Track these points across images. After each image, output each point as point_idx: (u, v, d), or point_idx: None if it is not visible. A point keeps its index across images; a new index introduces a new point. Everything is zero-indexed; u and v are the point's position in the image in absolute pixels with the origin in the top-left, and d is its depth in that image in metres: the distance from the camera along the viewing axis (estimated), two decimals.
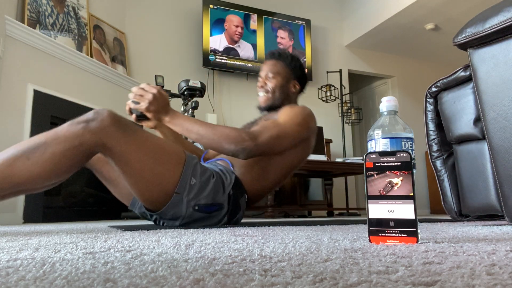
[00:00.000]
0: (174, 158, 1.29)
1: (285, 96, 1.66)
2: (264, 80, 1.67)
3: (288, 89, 1.67)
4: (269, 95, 1.64)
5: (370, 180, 0.68)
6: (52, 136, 1.07)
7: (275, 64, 1.68)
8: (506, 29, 1.13)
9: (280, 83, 1.65)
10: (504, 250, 0.56)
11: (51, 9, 3.01)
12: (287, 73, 1.67)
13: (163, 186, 1.27)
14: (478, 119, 1.30)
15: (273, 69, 1.66)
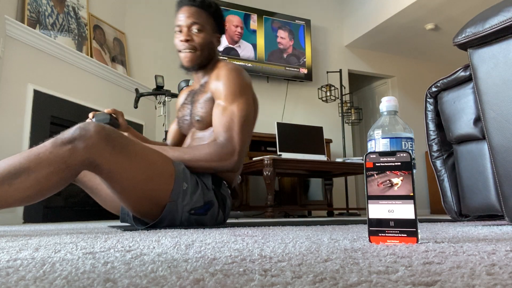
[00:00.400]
0: (165, 170, 1.24)
1: (211, 54, 1.51)
2: (188, 32, 1.45)
3: (213, 45, 1.52)
4: (197, 53, 1.46)
5: (370, 180, 0.67)
6: (34, 160, 0.99)
7: (200, 14, 1.47)
8: (506, 29, 1.13)
9: (208, 39, 1.48)
10: (504, 250, 0.56)
11: (51, 9, 3.01)
12: (212, 25, 1.50)
13: (156, 199, 1.23)
14: (478, 119, 1.30)
15: (199, 20, 1.46)
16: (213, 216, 1.39)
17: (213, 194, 1.39)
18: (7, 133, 2.43)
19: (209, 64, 1.53)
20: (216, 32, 1.53)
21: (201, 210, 1.34)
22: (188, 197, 1.29)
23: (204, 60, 1.50)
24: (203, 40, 1.46)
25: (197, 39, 1.46)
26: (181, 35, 1.46)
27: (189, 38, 1.45)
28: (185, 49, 1.46)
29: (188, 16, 1.45)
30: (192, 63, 1.48)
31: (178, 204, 1.27)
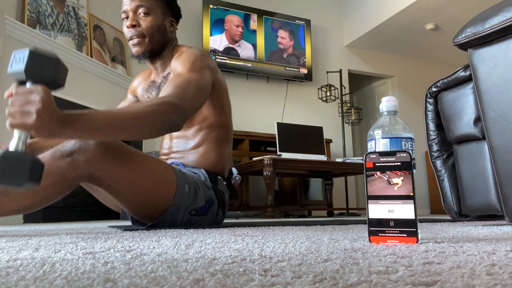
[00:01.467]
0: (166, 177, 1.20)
1: (164, 38, 1.39)
2: (134, 17, 1.34)
3: (166, 29, 1.40)
4: (146, 40, 1.35)
5: (370, 180, 0.67)
6: None
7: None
8: (506, 29, 1.13)
9: (157, 22, 1.36)
10: (504, 250, 0.56)
11: (51, 9, 3.01)
12: (162, 8, 1.38)
13: (158, 205, 1.22)
14: (478, 119, 1.30)
15: (145, 2, 1.34)
16: (213, 215, 1.39)
17: (213, 193, 1.39)
18: (7, 133, 2.43)
19: (164, 51, 1.41)
20: (168, 15, 1.41)
21: (203, 209, 1.34)
22: (191, 199, 1.29)
23: (155, 46, 1.37)
24: (150, 24, 1.34)
25: (145, 23, 1.34)
26: (127, 21, 1.35)
27: (135, 23, 1.33)
28: (132, 36, 1.34)
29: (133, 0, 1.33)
30: (141, 51, 1.35)
31: (180, 207, 1.26)
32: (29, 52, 0.79)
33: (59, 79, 0.83)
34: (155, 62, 1.44)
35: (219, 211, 1.42)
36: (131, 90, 1.63)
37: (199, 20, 4.29)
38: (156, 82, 1.48)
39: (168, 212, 1.24)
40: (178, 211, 1.26)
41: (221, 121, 1.48)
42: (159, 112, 1.00)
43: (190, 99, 1.15)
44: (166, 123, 1.03)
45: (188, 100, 1.14)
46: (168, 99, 1.06)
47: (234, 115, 4.39)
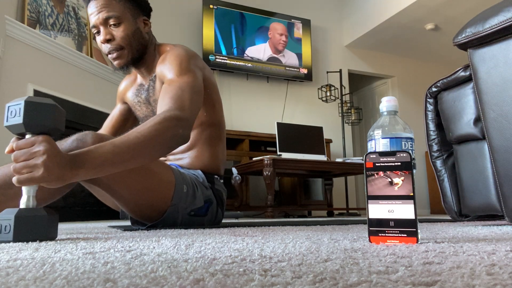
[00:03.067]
0: (165, 177, 1.20)
1: (142, 42, 1.32)
2: (106, 30, 1.24)
3: (140, 31, 1.30)
4: (125, 51, 1.27)
5: (370, 180, 0.67)
6: None
7: (110, 3, 1.23)
8: (506, 29, 1.13)
9: (130, 29, 1.26)
10: (504, 250, 0.56)
11: (51, 9, 3.01)
12: (130, 10, 1.27)
13: (156, 205, 1.22)
14: (478, 119, 1.30)
15: (112, 11, 1.23)
16: (213, 215, 1.40)
17: (211, 192, 1.39)
18: (7, 133, 2.43)
19: (145, 54, 1.35)
20: (139, 14, 1.31)
21: (202, 210, 1.34)
22: (189, 199, 1.29)
23: (136, 53, 1.30)
24: (125, 33, 1.25)
25: (118, 34, 1.24)
26: (100, 35, 1.26)
27: (109, 37, 1.24)
28: (110, 50, 1.27)
29: (98, 11, 1.22)
30: (123, 63, 1.29)
31: (179, 207, 1.26)
32: (25, 103, 0.78)
33: (59, 126, 0.82)
34: (139, 68, 1.40)
35: (218, 210, 1.42)
36: (119, 97, 1.56)
37: (199, 20, 4.29)
38: (144, 85, 1.44)
39: (168, 213, 1.24)
40: (177, 211, 1.26)
41: (213, 120, 1.45)
42: (164, 130, 1.00)
43: (189, 106, 1.13)
44: (174, 139, 1.03)
45: (188, 109, 1.12)
46: (168, 113, 1.05)
47: (234, 115, 4.39)
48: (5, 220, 0.75)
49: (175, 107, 1.10)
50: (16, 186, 0.81)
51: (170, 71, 1.23)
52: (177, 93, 1.15)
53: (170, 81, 1.20)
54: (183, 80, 1.19)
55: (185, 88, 1.17)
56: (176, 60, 1.25)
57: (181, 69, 1.23)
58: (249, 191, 3.94)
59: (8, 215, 0.75)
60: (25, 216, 0.76)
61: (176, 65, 1.23)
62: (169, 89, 1.16)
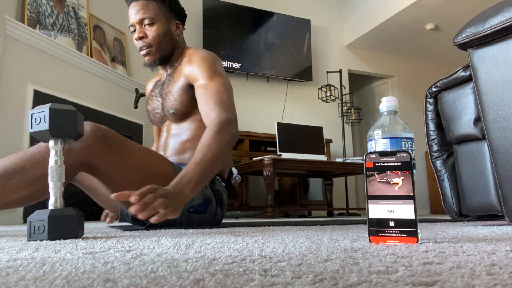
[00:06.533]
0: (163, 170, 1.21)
1: (172, 43, 1.43)
2: (140, 29, 1.38)
3: (172, 33, 1.43)
4: (154, 49, 1.39)
5: (370, 180, 0.67)
6: (30, 161, 0.99)
7: (147, 6, 1.38)
8: (506, 29, 1.13)
9: (162, 29, 1.39)
10: (504, 250, 0.56)
11: (51, 9, 3.01)
12: (165, 14, 1.40)
13: None
14: (478, 119, 1.30)
15: (148, 13, 1.37)
16: (212, 213, 1.39)
17: (210, 191, 1.39)
18: (7, 133, 2.43)
19: (173, 55, 1.46)
20: (173, 19, 1.44)
21: (201, 207, 1.34)
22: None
23: (164, 52, 1.42)
24: (156, 33, 1.38)
25: (151, 33, 1.38)
26: (135, 33, 1.39)
27: (142, 35, 1.38)
28: (141, 47, 1.39)
29: (136, 12, 1.37)
30: (151, 59, 1.41)
31: None
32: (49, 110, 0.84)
33: (80, 130, 0.89)
34: (165, 66, 1.50)
35: (218, 210, 1.42)
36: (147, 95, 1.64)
37: (199, 20, 4.29)
38: (160, 80, 1.53)
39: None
40: None
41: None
42: (225, 135, 1.17)
43: (230, 106, 1.29)
44: (233, 139, 1.21)
45: (231, 108, 1.28)
46: (220, 119, 1.20)
47: None
48: (39, 221, 0.81)
49: (222, 110, 1.25)
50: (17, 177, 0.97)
51: (202, 75, 1.35)
52: (218, 96, 1.29)
53: (206, 86, 1.33)
54: (217, 83, 1.32)
55: (222, 90, 1.31)
56: (204, 63, 1.36)
57: (212, 72, 1.35)
58: (249, 191, 3.94)
59: (41, 216, 0.81)
60: (57, 216, 0.82)
61: (206, 69, 1.35)
62: (209, 95, 1.30)
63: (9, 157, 1.02)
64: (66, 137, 0.87)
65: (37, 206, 1.20)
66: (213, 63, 1.37)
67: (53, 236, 0.81)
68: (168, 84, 1.45)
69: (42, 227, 0.81)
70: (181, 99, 1.40)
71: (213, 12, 4.27)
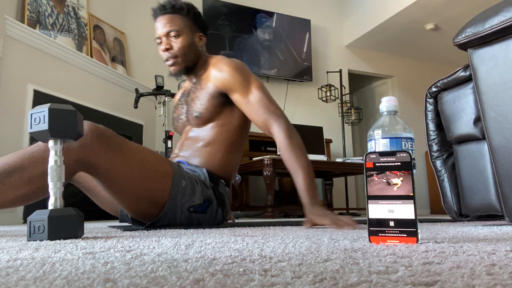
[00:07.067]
0: (161, 168, 1.23)
1: (196, 54, 1.51)
2: (167, 41, 1.47)
3: (196, 45, 1.51)
4: (179, 59, 1.47)
5: (370, 180, 0.67)
6: (29, 159, 0.99)
7: (174, 20, 1.47)
8: (506, 29, 1.13)
9: (187, 41, 1.47)
10: (504, 250, 0.56)
11: (51, 9, 3.01)
12: (189, 26, 1.50)
13: (154, 198, 1.23)
14: (478, 119, 1.30)
15: (174, 26, 1.46)
16: (212, 214, 1.40)
17: (212, 192, 1.39)
18: (7, 133, 2.43)
19: (197, 64, 1.53)
20: (197, 31, 1.52)
21: (201, 208, 1.34)
22: (188, 194, 1.29)
23: (189, 62, 1.50)
24: (181, 45, 1.46)
25: (176, 45, 1.46)
26: (161, 45, 1.47)
27: (169, 46, 1.46)
28: (168, 58, 1.47)
29: (163, 26, 1.46)
30: (177, 69, 1.49)
31: (177, 202, 1.27)
32: (49, 110, 0.84)
33: (80, 130, 0.90)
34: (190, 76, 1.57)
35: (219, 211, 1.42)
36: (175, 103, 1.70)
37: None
38: (186, 90, 1.61)
39: (166, 208, 1.24)
40: (176, 206, 1.27)
41: (237, 126, 1.51)
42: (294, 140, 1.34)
43: (277, 109, 1.39)
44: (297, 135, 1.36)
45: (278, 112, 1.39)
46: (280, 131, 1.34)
47: None
48: (39, 221, 0.81)
49: (275, 119, 1.37)
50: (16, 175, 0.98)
51: (238, 86, 1.42)
52: (264, 105, 1.39)
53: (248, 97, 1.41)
54: (257, 91, 1.41)
55: (262, 97, 1.40)
56: (236, 72, 1.43)
57: (247, 81, 1.42)
58: (249, 191, 3.94)
59: (41, 216, 0.81)
60: (57, 216, 0.82)
61: (240, 79, 1.42)
62: (257, 106, 1.39)
63: (7, 156, 1.02)
64: (66, 137, 0.87)
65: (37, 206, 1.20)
66: (244, 71, 1.44)
67: (53, 236, 0.81)
68: (195, 91, 1.51)
69: (42, 227, 0.81)
70: (207, 104, 1.46)
71: (213, 12, 4.27)
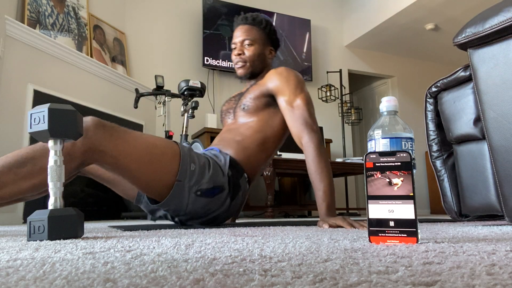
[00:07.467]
0: (168, 150, 1.29)
1: (263, 64, 1.66)
2: (240, 47, 1.64)
3: (265, 56, 1.67)
4: (247, 64, 1.63)
5: (370, 180, 0.67)
6: (40, 151, 1.05)
7: (251, 30, 1.64)
8: (506, 29, 1.13)
9: (258, 51, 1.63)
10: (504, 250, 0.56)
11: (51, 9, 3.01)
12: (263, 39, 1.65)
13: (164, 178, 1.28)
14: (478, 119, 1.30)
15: (250, 36, 1.62)
16: (220, 201, 1.39)
17: (226, 180, 1.40)
18: (7, 133, 2.43)
19: (261, 73, 1.67)
20: (269, 45, 1.68)
21: (209, 192, 1.35)
22: (196, 178, 1.31)
23: (256, 69, 1.64)
24: (253, 53, 1.62)
25: (248, 52, 1.62)
26: (235, 50, 1.64)
27: (241, 52, 1.62)
28: (237, 62, 1.63)
29: (240, 34, 1.64)
30: (243, 73, 1.64)
31: (185, 185, 1.29)
32: (49, 110, 0.83)
33: (79, 130, 0.90)
34: (251, 81, 1.70)
35: (227, 200, 1.42)
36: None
37: (199, 20, 4.29)
38: (242, 92, 1.71)
39: (174, 190, 1.28)
40: (183, 189, 1.29)
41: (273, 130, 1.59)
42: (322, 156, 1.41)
43: (313, 124, 1.47)
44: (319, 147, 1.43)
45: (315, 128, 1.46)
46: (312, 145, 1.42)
47: None
48: (39, 221, 0.81)
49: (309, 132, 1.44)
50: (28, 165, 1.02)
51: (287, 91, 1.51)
52: (304, 116, 1.47)
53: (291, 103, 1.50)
54: (302, 102, 1.49)
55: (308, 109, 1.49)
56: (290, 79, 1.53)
57: (297, 89, 1.51)
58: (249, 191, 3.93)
59: (41, 216, 0.81)
60: (57, 216, 0.82)
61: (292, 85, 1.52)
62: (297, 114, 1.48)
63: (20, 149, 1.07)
64: (66, 137, 0.87)
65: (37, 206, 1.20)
66: (298, 81, 1.54)
67: (53, 236, 0.81)
68: (250, 90, 1.62)
69: (42, 227, 0.80)
70: (257, 101, 1.57)
71: (213, 12, 4.27)
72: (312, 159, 1.40)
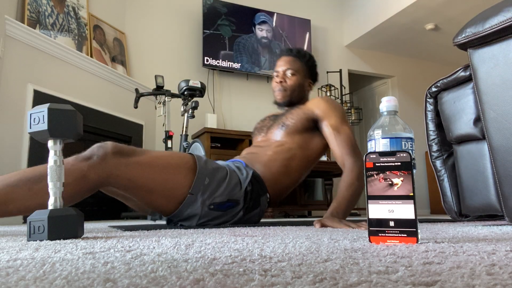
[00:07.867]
0: (183, 167, 1.32)
1: (301, 94, 1.73)
2: (283, 76, 1.71)
3: (304, 87, 1.74)
4: (287, 92, 1.69)
5: (370, 180, 0.67)
6: None
7: (295, 62, 1.72)
8: (506, 29, 1.13)
9: (299, 81, 1.71)
10: (504, 250, 0.56)
11: (51, 9, 3.01)
12: (305, 72, 1.73)
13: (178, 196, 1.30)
14: (478, 119, 1.30)
15: (293, 67, 1.70)
16: (232, 214, 1.40)
17: (243, 195, 1.40)
18: (7, 133, 2.43)
19: (298, 102, 1.73)
20: (309, 78, 1.75)
21: (221, 206, 1.35)
22: (209, 191, 1.32)
23: (294, 99, 1.71)
24: (293, 83, 1.69)
25: (289, 81, 1.69)
26: (277, 78, 1.71)
27: (282, 80, 1.70)
28: (278, 89, 1.70)
29: (284, 64, 1.71)
30: (282, 100, 1.71)
31: (198, 198, 1.30)
32: (48, 110, 0.83)
33: (79, 130, 0.90)
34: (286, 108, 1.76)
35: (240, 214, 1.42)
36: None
37: (199, 20, 4.28)
38: (277, 115, 1.77)
39: (186, 201, 1.29)
40: (196, 202, 1.30)
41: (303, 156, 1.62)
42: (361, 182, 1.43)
43: (358, 150, 1.53)
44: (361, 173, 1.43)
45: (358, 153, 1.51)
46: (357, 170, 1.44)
47: (233, 115, 4.39)
48: (38, 221, 0.81)
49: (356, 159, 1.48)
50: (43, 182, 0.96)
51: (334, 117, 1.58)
52: (351, 143, 1.53)
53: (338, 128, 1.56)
54: (349, 130, 1.57)
55: (352, 137, 1.56)
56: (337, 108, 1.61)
57: (343, 118, 1.60)
58: None
59: (40, 216, 0.81)
60: (57, 216, 0.82)
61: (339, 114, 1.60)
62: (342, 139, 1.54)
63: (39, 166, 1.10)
64: (65, 137, 0.88)
65: None
66: (343, 110, 1.63)
67: (53, 236, 0.81)
68: (293, 112, 1.67)
69: (42, 227, 0.80)
70: (298, 123, 1.61)
71: (213, 12, 4.27)
72: (352, 182, 1.42)
